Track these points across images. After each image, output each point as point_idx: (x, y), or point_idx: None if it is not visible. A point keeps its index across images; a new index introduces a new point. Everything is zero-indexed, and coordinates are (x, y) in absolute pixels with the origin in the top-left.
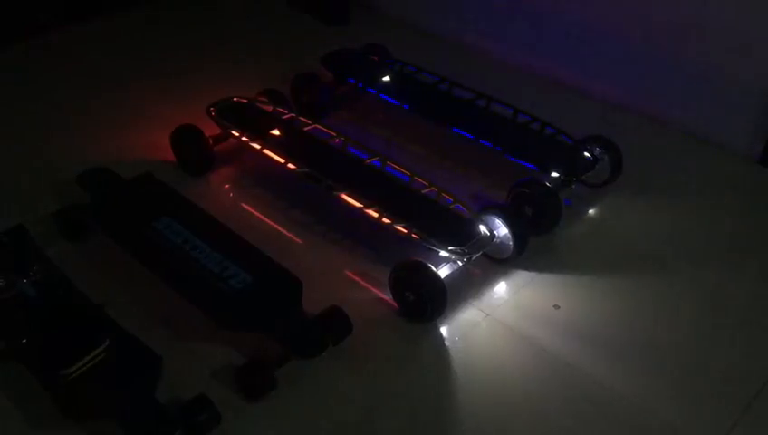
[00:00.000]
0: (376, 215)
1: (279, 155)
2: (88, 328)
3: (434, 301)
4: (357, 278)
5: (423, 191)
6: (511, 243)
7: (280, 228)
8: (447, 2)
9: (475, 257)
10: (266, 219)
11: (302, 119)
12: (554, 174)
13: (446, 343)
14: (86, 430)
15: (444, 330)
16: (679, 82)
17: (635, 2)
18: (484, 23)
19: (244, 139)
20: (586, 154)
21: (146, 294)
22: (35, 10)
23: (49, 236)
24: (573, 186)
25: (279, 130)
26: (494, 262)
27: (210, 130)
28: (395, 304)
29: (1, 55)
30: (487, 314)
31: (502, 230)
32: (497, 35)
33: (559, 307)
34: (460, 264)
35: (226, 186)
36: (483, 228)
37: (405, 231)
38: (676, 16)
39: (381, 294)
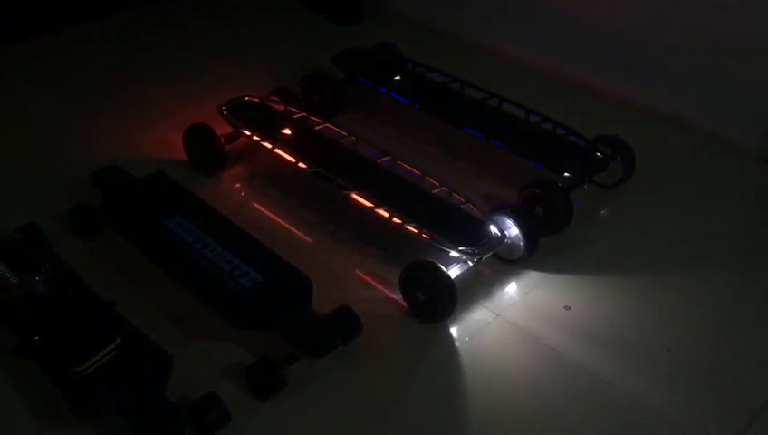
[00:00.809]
0: (386, 214)
1: (290, 154)
2: (99, 326)
3: (444, 301)
4: (367, 278)
5: (434, 191)
6: (522, 243)
7: (290, 227)
8: (459, 1)
9: (485, 258)
10: (277, 218)
11: (313, 118)
12: (566, 174)
13: (456, 343)
14: (96, 427)
15: (454, 330)
16: (692, 81)
17: (650, 4)
18: (497, 22)
19: (255, 138)
20: (598, 154)
21: (157, 292)
22: (49, 8)
23: (61, 234)
24: (585, 186)
25: (290, 129)
26: (504, 262)
27: (222, 128)
28: (405, 304)
29: (14, 53)
30: (498, 315)
31: (513, 231)
32: (509, 34)
33: (570, 308)
34: (470, 264)
35: (238, 185)
36: (493, 229)
37: (415, 231)
38: (689, 14)
39: (391, 294)
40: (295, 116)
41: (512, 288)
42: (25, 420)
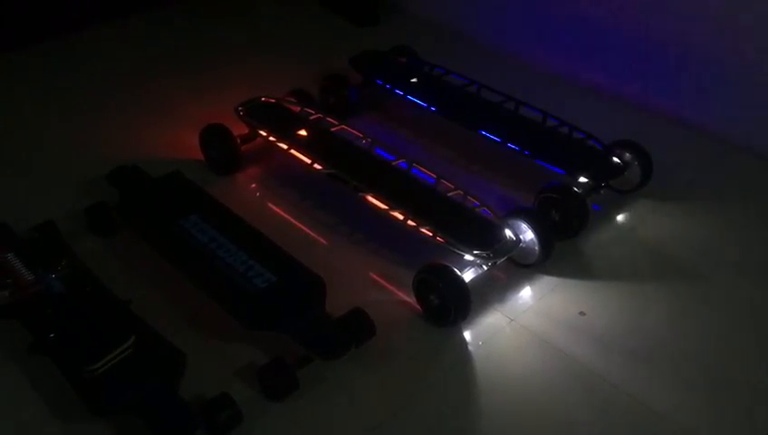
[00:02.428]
0: (401, 217)
1: (306, 155)
2: (114, 324)
3: (458, 305)
4: (381, 280)
5: (449, 194)
6: (537, 248)
7: (305, 229)
8: (477, 4)
9: (500, 262)
10: (292, 219)
11: (329, 119)
12: (583, 179)
13: (470, 347)
14: (110, 425)
15: (467, 334)
16: (712, 86)
17: (670, 7)
18: (513, 25)
19: (271, 138)
20: (615, 159)
21: (172, 291)
22: (70, 8)
23: (78, 232)
24: (602, 191)
25: (306, 130)
26: (519, 267)
27: (238, 129)
28: (419, 307)
29: (34, 52)
30: (511, 319)
31: (528, 235)
32: (526, 37)
33: (584, 314)
34: (485, 268)
35: (253, 185)
36: (508, 233)
37: (430, 234)
38: (710, 18)
39: (405, 297)
40: (312, 117)
41: (526, 293)
42: (42, 414)
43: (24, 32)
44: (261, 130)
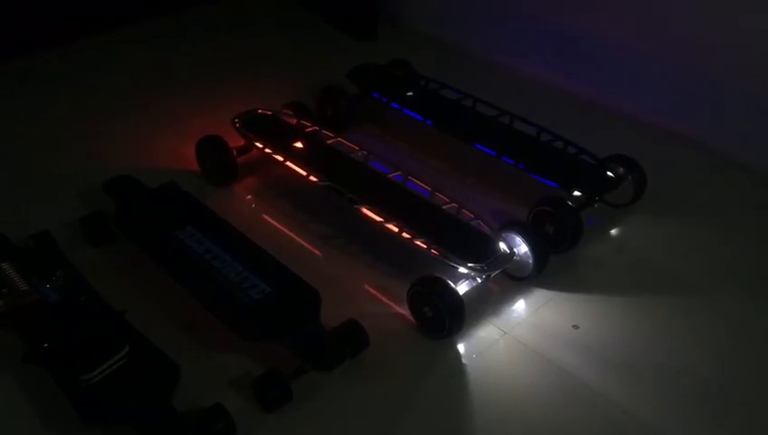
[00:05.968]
0: (396, 229)
1: (302, 167)
2: (108, 334)
3: (452, 317)
4: (375, 292)
5: (444, 207)
6: (531, 261)
7: (300, 240)
8: (474, 19)
9: (494, 275)
10: (287, 231)
11: (325, 132)
12: (577, 193)
13: (463, 360)
14: None
15: (461, 347)
16: (705, 101)
17: (664, 20)
18: (510, 40)
19: (267, 150)
20: (609, 173)
21: (167, 301)
22: (68, 18)
23: (73, 242)
24: (596, 205)
25: (302, 142)
26: (513, 280)
27: (234, 141)
28: (413, 319)
29: (32, 62)
30: (505, 333)
31: (522, 248)
32: (522, 52)
33: (578, 327)
34: (479, 281)
35: (249, 197)
36: (503, 246)
37: (424, 246)
38: (704, 33)
39: (399, 309)
40: (308, 129)
41: (520, 306)
42: (36, 424)
43: (23, 40)
44: (257, 141)
